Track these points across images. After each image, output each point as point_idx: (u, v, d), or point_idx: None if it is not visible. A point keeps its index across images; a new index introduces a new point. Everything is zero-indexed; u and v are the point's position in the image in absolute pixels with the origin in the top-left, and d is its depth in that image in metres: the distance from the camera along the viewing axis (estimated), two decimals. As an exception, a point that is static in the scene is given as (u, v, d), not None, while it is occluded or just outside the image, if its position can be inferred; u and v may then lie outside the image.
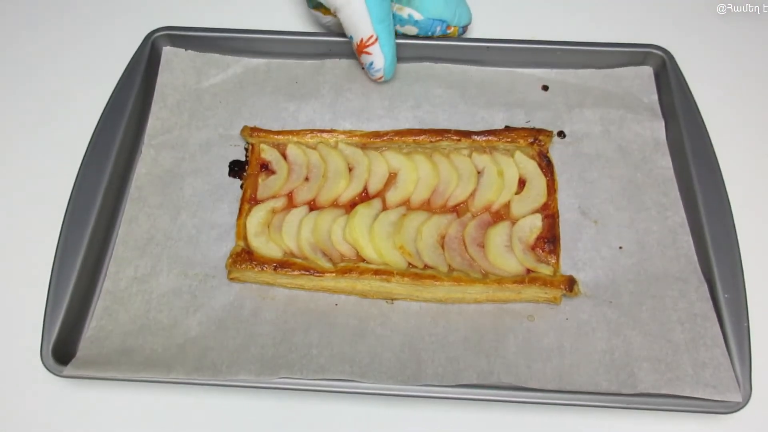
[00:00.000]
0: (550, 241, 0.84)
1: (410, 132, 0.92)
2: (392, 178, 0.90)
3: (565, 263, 0.85)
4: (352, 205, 0.88)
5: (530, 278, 0.81)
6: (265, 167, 0.91)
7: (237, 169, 0.93)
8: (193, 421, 0.78)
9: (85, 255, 0.83)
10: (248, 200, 0.88)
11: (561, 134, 0.95)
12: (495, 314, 0.81)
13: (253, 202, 0.88)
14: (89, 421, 0.79)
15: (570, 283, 0.80)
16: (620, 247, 0.86)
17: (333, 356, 0.77)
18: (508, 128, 0.94)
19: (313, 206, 0.88)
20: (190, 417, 0.78)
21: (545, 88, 1.00)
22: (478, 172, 0.90)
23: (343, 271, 0.82)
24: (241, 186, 0.91)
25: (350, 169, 0.90)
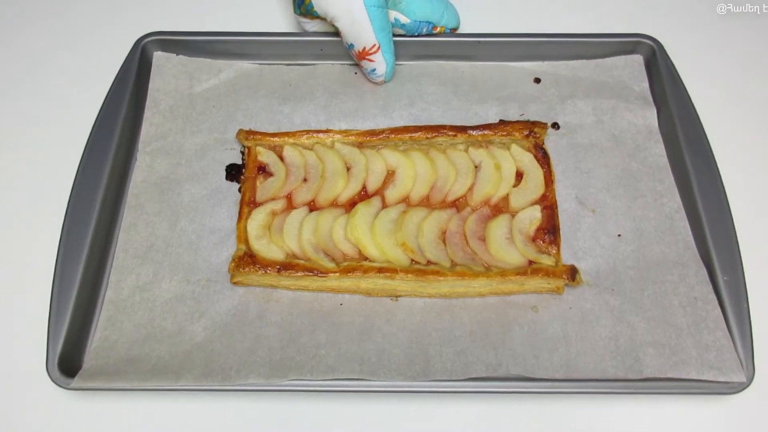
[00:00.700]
0: (550, 232, 0.85)
1: (406, 129, 0.93)
2: (390, 175, 0.90)
3: (566, 253, 0.85)
4: (352, 204, 0.88)
5: (532, 269, 0.81)
6: (263, 170, 0.91)
7: (234, 172, 0.92)
8: (204, 427, 0.78)
9: (85, 265, 0.82)
10: (247, 203, 0.88)
11: (555, 126, 0.96)
12: (499, 307, 0.82)
13: (252, 205, 0.88)
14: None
15: (572, 273, 0.81)
16: (619, 235, 0.87)
17: (341, 356, 0.77)
18: (502, 122, 0.94)
19: (313, 207, 0.88)
20: (200, 423, 0.78)
21: (537, 80, 1.01)
22: (476, 166, 0.91)
23: (347, 270, 0.82)
24: (239, 189, 0.91)
25: (348, 168, 0.90)
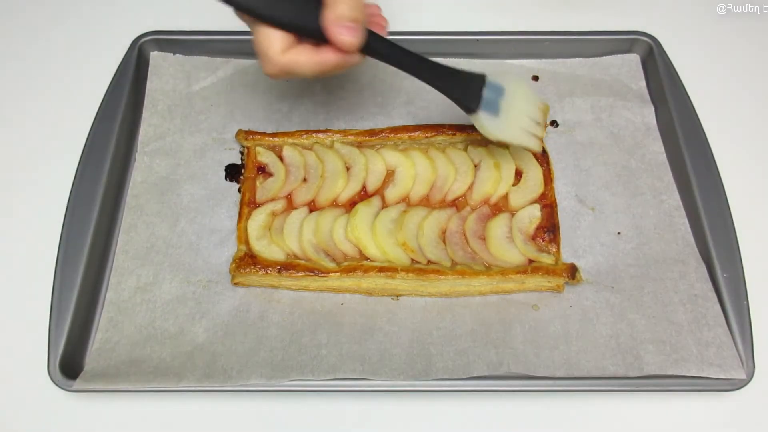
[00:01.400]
0: (549, 230, 0.85)
1: (405, 128, 0.92)
2: (390, 175, 0.90)
3: (566, 251, 0.86)
4: (352, 204, 0.88)
5: (533, 268, 0.82)
6: (262, 170, 0.91)
7: (233, 172, 0.92)
8: (205, 428, 0.78)
9: (86, 267, 0.82)
10: (247, 204, 0.88)
11: (554, 123, 0.96)
12: (500, 305, 0.82)
13: (252, 205, 0.88)
14: (101, 433, 0.78)
15: (572, 271, 0.81)
16: (618, 233, 0.87)
17: (342, 355, 0.77)
18: (501, 120, 0.94)
19: (313, 207, 0.88)
20: (202, 424, 0.78)
21: (535, 78, 1.01)
22: (475, 165, 0.91)
23: (348, 270, 0.82)
24: (239, 190, 0.91)
25: (348, 168, 0.90)
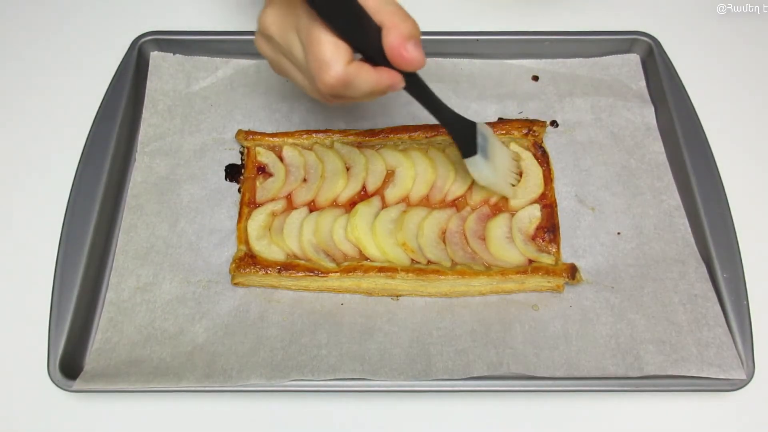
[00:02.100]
0: (549, 231, 0.85)
1: (405, 128, 0.93)
2: (390, 175, 0.90)
3: (566, 251, 0.86)
4: (352, 204, 0.88)
5: (533, 268, 0.82)
6: (262, 170, 0.91)
7: (233, 172, 0.92)
8: (205, 428, 0.78)
9: (85, 267, 0.82)
10: (247, 204, 0.88)
11: (554, 123, 0.96)
12: (500, 305, 0.82)
13: (252, 205, 0.88)
14: (100, 434, 0.78)
15: (572, 271, 0.81)
16: (618, 233, 0.87)
17: (342, 355, 0.77)
18: (501, 120, 0.94)
19: (313, 207, 0.88)
20: (202, 424, 0.78)
21: (535, 78, 1.01)
22: (475, 165, 0.91)
23: (347, 270, 0.82)
24: (239, 190, 0.91)
25: (347, 168, 0.90)
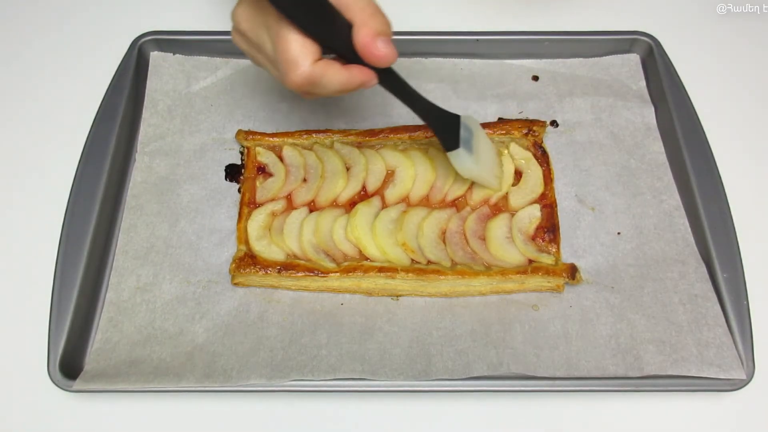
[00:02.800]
0: (549, 231, 0.85)
1: (405, 128, 0.92)
2: (390, 175, 0.90)
3: (566, 251, 0.86)
4: (352, 204, 0.88)
5: (533, 268, 0.81)
6: (262, 170, 0.91)
7: (233, 172, 0.92)
8: (205, 428, 0.78)
9: (85, 267, 0.82)
10: (247, 204, 0.87)
11: (554, 123, 0.96)
12: (500, 305, 0.82)
13: (252, 205, 0.88)
14: (100, 434, 0.78)
15: (572, 271, 0.81)
16: (618, 233, 0.87)
17: (342, 356, 0.77)
18: (501, 120, 0.94)
19: (313, 207, 0.88)
20: (202, 424, 0.78)
21: (535, 78, 1.01)
22: (476, 165, 0.91)
23: (347, 270, 0.82)
24: (239, 190, 0.91)
25: (347, 168, 0.90)
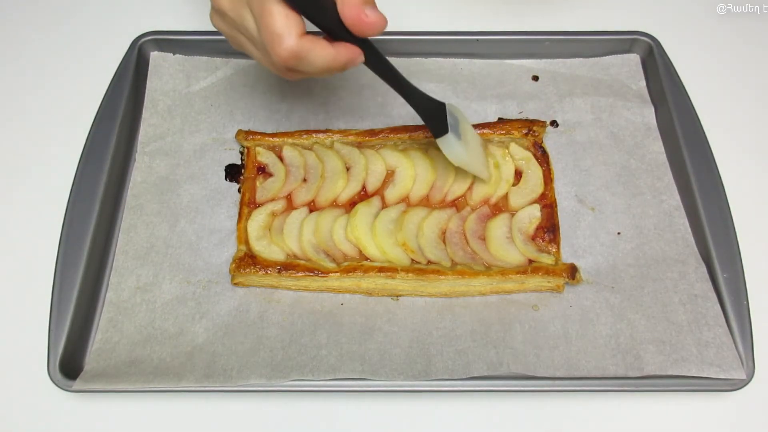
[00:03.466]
0: (549, 231, 0.85)
1: (405, 128, 0.92)
2: (390, 175, 0.90)
3: (566, 251, 0.86)
4: (352, 205, 0.88)
5: (533, 268, 0.82)
6: (262, 170, 0.91)
7: (233, 172, 0.92)
8: (205, 428, 0.78)
9: (85, 267, 0.82)
10: (247, 204, 0.88)
11: (554, 123, 0.96)
12: (500, 305, 0.82)
13: (252, 205, 0.88)
14: (100, 434, 0.78)
15: (572, 271, 0.81)
16: (618, 233, 0.87)
17: (342, 356, 0.77)
18: (501, 120, 0.94)
19: (313, 207, 0.88)
20: (202, 424, 0.78)
21: (535, 78, 1.01)
22: (475, 165, 0.91)
23: (347, 270, 0.82)
24: (239, 190, 0.91)
25: (347, 168, 0.90)
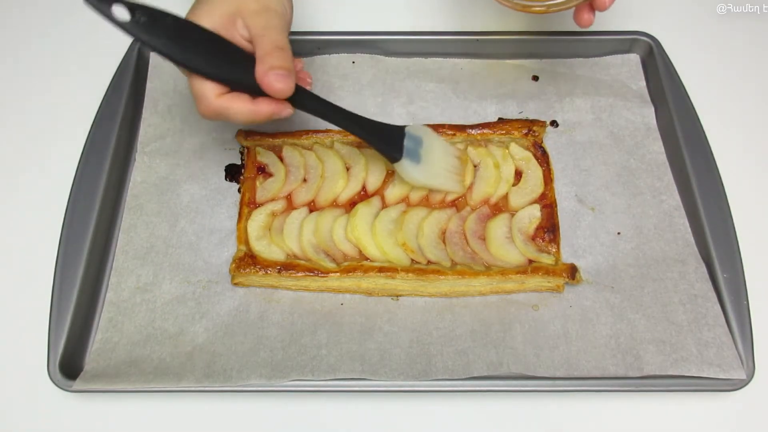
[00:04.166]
0: (549, 231, 0.85)
1: (405, 128, 0.92)
2: (390, 175, 0.90)
3: (566, 251, 0.86)
4: (352, 204, 0.88)
5: (533, 268, 0.81)
6: (262, 170, 0.91)
7: (233, 172, 0.92)
8: (205, 428, 0.78)
9: (85, 267, 0.82)
10: (247, 204, 0.87)
11: (554, 123, 0.96)
12: (500, 305, 0.82)
13: (252, 205, 0.88)
14: (100, 434, 0.78)
15: (572, 271, 0.81)
16: (618, 233, 0.87)
17: (342, 356, 0.77)
18: (501, 120, 0.94)
19: (313, 207, 0.88)
20: (202, 424, 0.78)
21: (535, 78, 1.01)
22: (475, 165, 0.90)
23: (347, 270, 0.82)
24: (239, 190, 0.91)
25: (347, 168, 0.90)
